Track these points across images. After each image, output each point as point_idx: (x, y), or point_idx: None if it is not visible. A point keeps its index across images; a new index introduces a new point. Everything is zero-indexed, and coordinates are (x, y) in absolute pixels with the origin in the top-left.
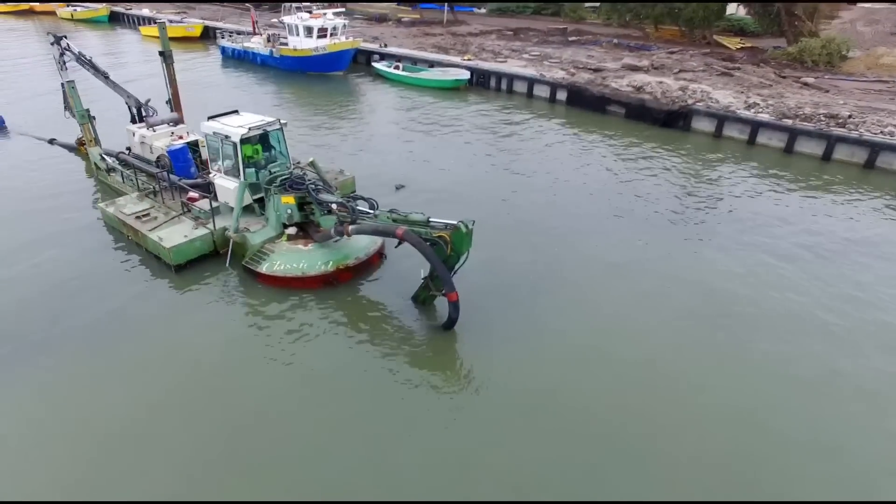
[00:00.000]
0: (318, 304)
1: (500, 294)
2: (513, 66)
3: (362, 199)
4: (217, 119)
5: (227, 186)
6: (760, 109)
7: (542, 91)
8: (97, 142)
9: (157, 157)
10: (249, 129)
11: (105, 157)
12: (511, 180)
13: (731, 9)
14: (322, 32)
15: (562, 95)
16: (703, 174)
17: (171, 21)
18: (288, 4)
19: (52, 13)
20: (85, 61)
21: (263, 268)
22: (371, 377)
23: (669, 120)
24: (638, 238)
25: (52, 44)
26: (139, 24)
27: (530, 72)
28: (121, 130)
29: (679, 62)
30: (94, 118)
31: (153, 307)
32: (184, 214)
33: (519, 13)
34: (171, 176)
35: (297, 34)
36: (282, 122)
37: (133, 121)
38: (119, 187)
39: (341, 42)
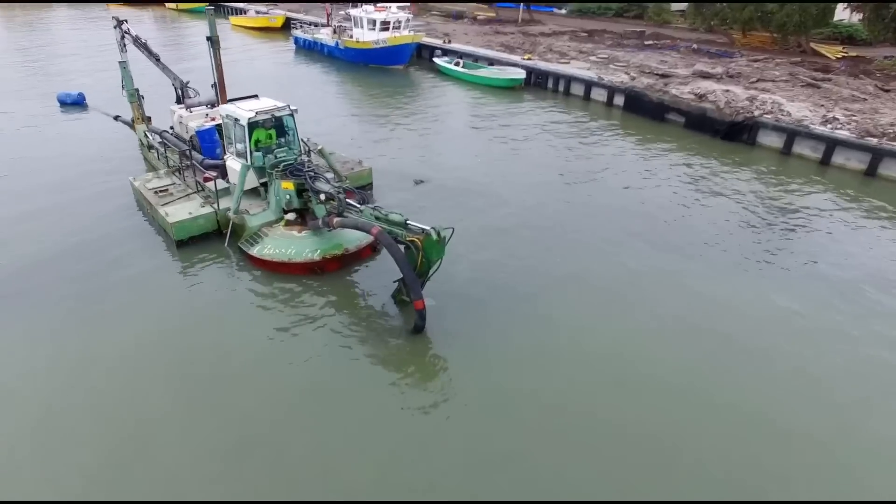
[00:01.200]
0: (302, 291)
1: (501, 298)
2: (573, 68)
3: (355, 192)
4: (234, 102)
5: (236, 168)
6: (840, 125)
7: (599, 95)
8: (144, 119)
9: (190, 137)
10: (257, 112)
11: (148, 134)
12: (548, 184)
13: (841, 13)
14: (385, 25)
15: (619, 100)
16: (763, 194)
17: (258, 12)
18: None
19: (162, 3)
20: (140, 44)
21: (254, 250)
22: (333, 369)
23: (732, 132)
24: (685, 256)
25: (114, 27)
26: (230, 14)
27: (589, 74)
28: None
29: (759, 71)
30: (142, 97)
31: (143, 275)
32: (197, 193)
33: (600, 15)
34: (195, 155)
35: (362, 26)
36: (292, 108)
37: (178, 102)
38: (155, 163)
39: (402, 36)
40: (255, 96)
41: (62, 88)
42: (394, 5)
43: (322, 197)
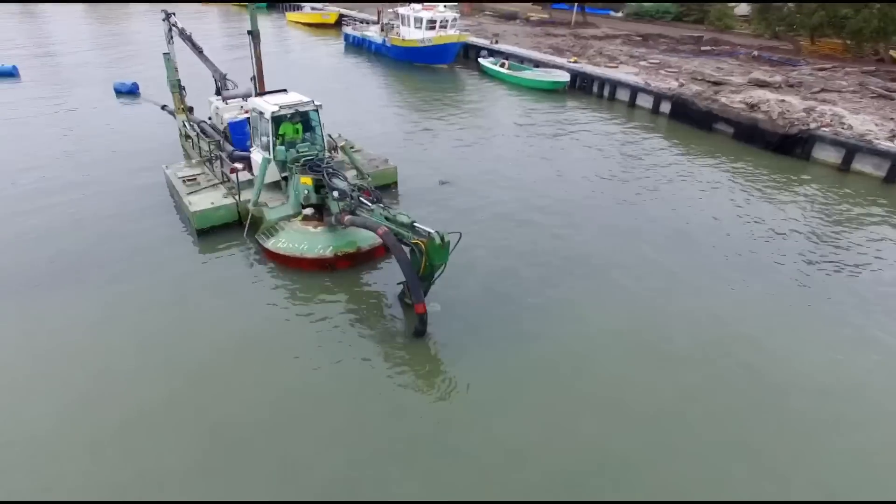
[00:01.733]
0: (311, 287)
1: (512, 309)
2: (620, 73)
3: (371, 191)
4: (262, 96)
5: (259, 161)
6: None
7: (644, 101)
8: (184, 110)
9: (224, 129)
10: (281, 106)
11: (186, 123)
12: (580, 193)
13: None
14: (431, 24)
15: (665, 107)
16: (818, 216)
17: (313, 8)
18: None
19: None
20: (185, 36)
21: (269, 243)
22: (327, 367)
23: (784, 145)
24: (729, 284)
25: (163, 20)
26: (286, 10)
27: (635, 79)
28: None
29: (824, 80)
30: (184, 88)
31: (160, 260)
32: (222, 184)
33: (657, 18)
34: (226, 146)
35: (409, 25)
36: (317, 103)
37: (217, 93)
38: (190, 152)
39: (447, 35)
40: (285, 90)
41: (121, 78)
42: (441, 4)
43: (335, 194)
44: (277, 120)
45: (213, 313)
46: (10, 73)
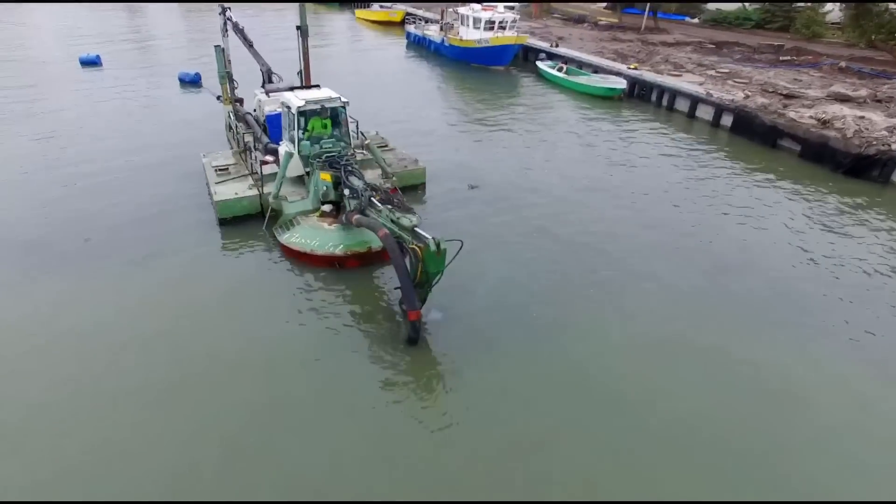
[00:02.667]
0: (318, 284)
1: (519, 323)
2: (682, 82)
3: (382, 191)
4: (294, 90)
5: (290, 152)
6: None
7: (705, 112)
8: (230, 101)
9: (262, 121)
10: (307, 101)
11: (230, 114)
12: (620, 207)
13: None
14: (490, 25)
15: (727, 120)
16: (892, 252)
17: (381, 6)
18: None
19: None
20: (238, 30)
21: (283, 237)
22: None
23: (859, 167)
24: (761, 331)
25: (219, 14)
26: (356, 7)
27: (696, 89)
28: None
29: None
30: (233, 80)
31: (179, 246)
32: (252, 175)
33: (737, 26)
34: (264, 138)
35: (468, 25)
36: (343, 100)
37: (263, 86)
38: (232, 143)
39: (505, 36)
40: (317, 86)
41: (186, 68)
42: (501, 5)
43: (346, 192)
44: (304, 114)
45: (213, 306)
46: (94, 62)
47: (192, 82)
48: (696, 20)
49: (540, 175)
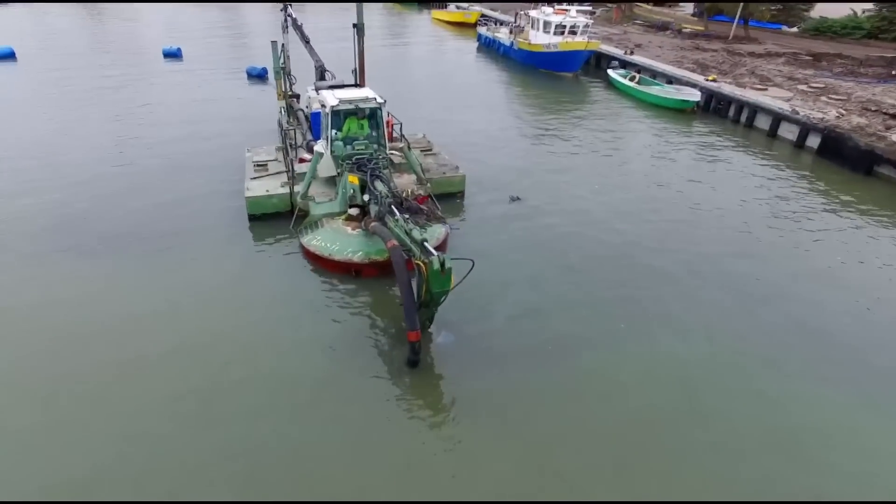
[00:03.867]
0: (332, 290)
1: (538, 355)
2: (766, 97)
3: (407, 200)
4: (333, 89)
5: (320, 152)
6: None
7: (788, 132)
8: (284, 96)
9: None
10: (341, 100)
11: (281, 110)
12: (671, 235)
13: None
14: (560, 29)
15: (813, 141)
16: None
17: (458, 7)
18: None
19: None
20: (296, 26)
21: (305, 239)
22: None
23: None
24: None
25: (280, 10)
26: (433, 8)
27: (780, 105)
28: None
29: None
30: (288, 75)
31: (204, 239)
32: (287, 172)
33: (843, 36)
34: (308, 135)
35: (538, 28)
36: (379, 101)
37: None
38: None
39: (575, 42)
40: (357, 85)
41: (253, 62)
42: (574, 9)
43: (366, 198)
44: (338, 114)
45: (224, 304)
46: (175, 54)
47: (258, 76)
48: (794, 29)
49: (590, 192)
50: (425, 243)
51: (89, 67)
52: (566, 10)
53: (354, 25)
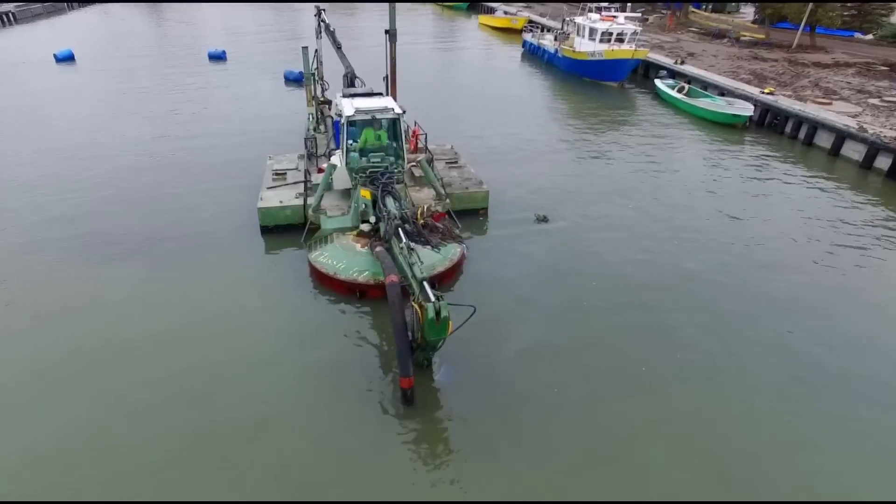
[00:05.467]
0: (333, 310)
1: (549, 400)
2: (830, 112)
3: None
4: (354, 97)
5: (335, 163)
6: None
7: (852, 151)
8: (314, 102)
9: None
10: (357, 110)
11: (309, 116)
12: (715, 269)
13: None
14: (606, 36)
15: (883, 162)
16: None
17: (505, 12)
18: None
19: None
20: (329, 32)
21: (312, 255)
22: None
23: None
24: None
25: (315, 15)
26: (482, 13)
27: (845, 121)
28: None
29: None
30: (318, 80)
31: (213, 248)
32: (304, 182)
33: None
34: (332, 143)
35: (583, 35)
36: (398, 111)
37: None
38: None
39: (621, 50)
40: (380, 94)
41: (291, 66)
42: (622, 15)
43: (372, 219)
44: (353, 124)
45: (219, 318)
46: (220, 57)
47: (296, 80)
48: (869, 36)
49: (623, 216)
50: (424, 283)
51: (138, 69)
52: (614, 16)
53: (387, 31)
